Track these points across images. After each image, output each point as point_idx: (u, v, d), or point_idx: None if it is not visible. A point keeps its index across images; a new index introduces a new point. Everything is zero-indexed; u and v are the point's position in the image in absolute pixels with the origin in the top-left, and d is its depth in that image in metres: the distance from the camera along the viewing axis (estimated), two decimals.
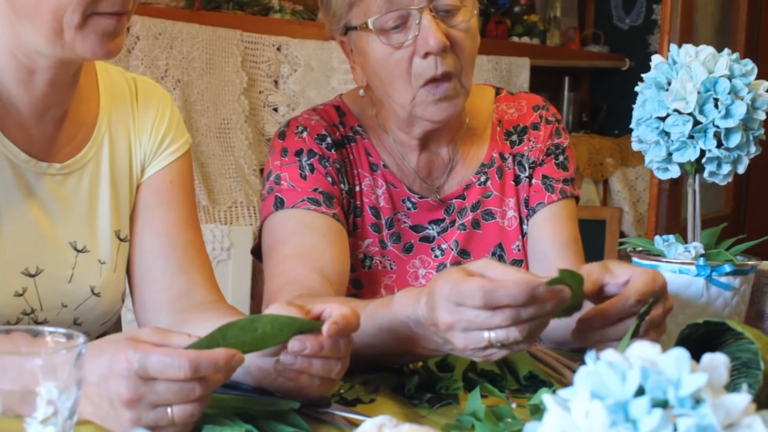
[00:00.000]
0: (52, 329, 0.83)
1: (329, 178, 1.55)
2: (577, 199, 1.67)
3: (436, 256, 1.61)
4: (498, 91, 1.73)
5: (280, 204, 1.53)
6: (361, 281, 1.59)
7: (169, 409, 0.90)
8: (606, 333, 1.12)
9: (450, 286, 1.00)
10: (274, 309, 1.01)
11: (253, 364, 1.04)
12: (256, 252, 1.62)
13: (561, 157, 1.66)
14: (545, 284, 0.99)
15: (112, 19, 1.20)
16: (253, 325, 0.96)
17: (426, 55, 1.46)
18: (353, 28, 1.51)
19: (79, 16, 1.17)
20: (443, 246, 1.62)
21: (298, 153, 1.56)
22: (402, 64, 1.48)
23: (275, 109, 3.40)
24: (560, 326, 1.19)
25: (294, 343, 0.97)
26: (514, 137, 1.67)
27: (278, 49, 3.40)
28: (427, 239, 1.62)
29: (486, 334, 1.00)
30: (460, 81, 1.50)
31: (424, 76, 1.47)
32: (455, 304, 1.00)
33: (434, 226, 1.62)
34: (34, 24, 1.19)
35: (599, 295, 1.15)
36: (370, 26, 1.48)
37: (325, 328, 0.97)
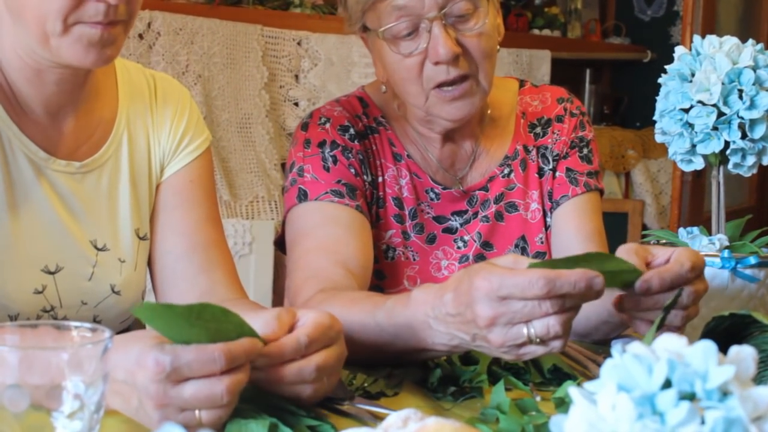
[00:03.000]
0: (77, 324, 0.83)
1: (352, 170, 1.55)
2: (601, 192, 1.66)
3: (458, 248, 1.61)
4: (522, 83, 1.73)
5: (303, 196, 1.53)
6: (384, 272, 1.59)
7: (197, 412, 0.90)
8: (658, 299, 1.11)
9: (496, 279, 0.98)
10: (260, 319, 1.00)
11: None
12: (280, 244, 1.62)
13: (585, 150, 1.66)
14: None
15: (97, 28, 1.19)
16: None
17: (437, 63, 1.46)
18: (370, 29, 1.52)
19: (61, 25, 1.17)
20: (466, 237, 1.62)
21: (321, 144, 1.56)
22: (413, 69, 1.49)
23: (296, 104, 3.40)
24: (582, 319, 1.18)
25: (259, 361, 0.96)
26: (538, 129, 1.67)
27: (299, 43, 3.40)
28: (450, 230, 1.62)
29: (525, 329, 0.99)
30: (478, 80, 1.50)
31: (435, 80, 1.48)
32: (500, 298, 0.98)
33: (457, 218, 1.62)
34: (24, 30, 1.20)
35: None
36: (380, 36, 1.49)
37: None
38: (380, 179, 1.60)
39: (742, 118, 1.27)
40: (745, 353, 0.62)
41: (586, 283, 0.98)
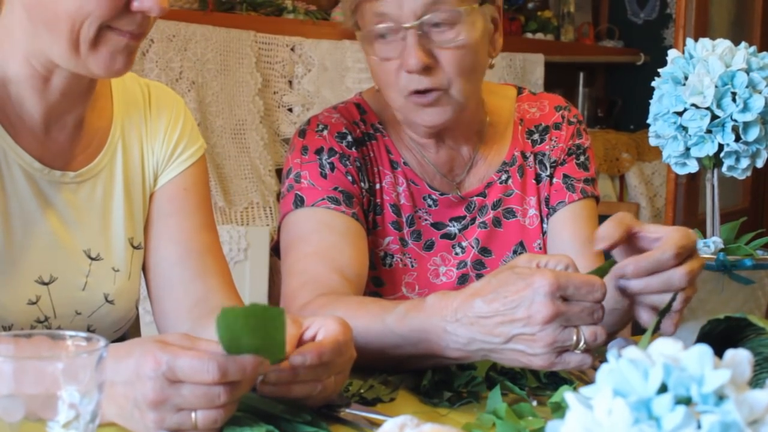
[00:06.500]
0: (72, 333, 0.83)
1: (349, 177, 1.55)
2: (597, 199, 1.67)
3: (456, 254, 1.61)
4: (520, 90, 1.73)
5: (299, 202, 1.53)
6: (382, 279, 1.59)
7: (193, 414, 0.90)
8: (650, 283, 1.13)
9: (563, 278, 1.03)
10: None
11: None
12: (276, 250, 1.62)
13: (582, 158, 1.66)
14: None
15: (125, 36, 1.19)
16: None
17: (409, 71, 1.47)
18: (359, 29, 1.54)
19: (95, 30, 1.17)
20: (464, 243, 1.62)
21: (319, 151, 1.56)
22: (391, 74, 1.49)
23: (290, 110, 3.41)
24: None
25: (271, 376, 0.97)
26: (536, 136, 1.67)
27: (292, 49, 3.40)
28: (448, 236, 1.62)
29: (575, 334, 1.03)
30: (449, 93, 1.49)
31: (408, 88, 1.48)
32: (563, 298, 1.02)
33: (455, 224, 1.62)
34: (53, 36, 1.19)
35: (630, 246, 1.18)
36: (361, 38, 1.51)
37: (292, 358, 0.97)
38: (378, 186, 1.60)
39: (735, 120, 1.27)
40: (740, 357, 0.62)
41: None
